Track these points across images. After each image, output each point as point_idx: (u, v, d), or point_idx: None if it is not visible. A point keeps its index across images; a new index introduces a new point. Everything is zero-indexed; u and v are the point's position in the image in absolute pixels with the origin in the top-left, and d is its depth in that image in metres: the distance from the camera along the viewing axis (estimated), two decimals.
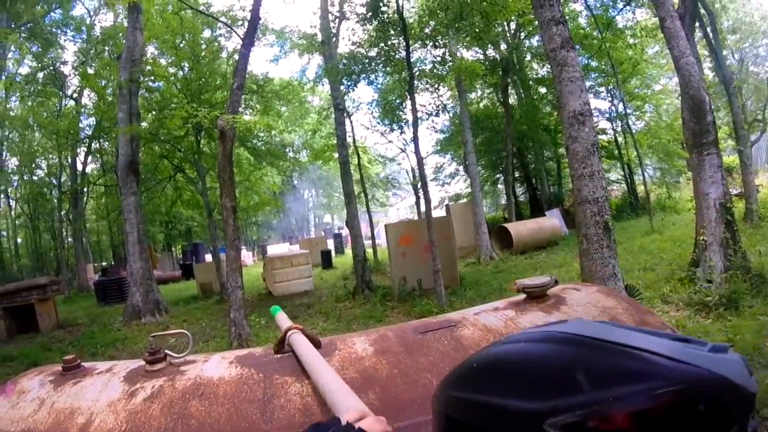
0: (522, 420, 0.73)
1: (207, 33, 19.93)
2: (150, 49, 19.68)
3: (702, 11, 15.30)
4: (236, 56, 14.18)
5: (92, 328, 13.86)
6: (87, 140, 27.30)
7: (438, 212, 25.16)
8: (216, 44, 20.01)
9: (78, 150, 28.06)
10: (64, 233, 31.20)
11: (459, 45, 19.08)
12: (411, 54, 12.61)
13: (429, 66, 15.02)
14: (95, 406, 1.36)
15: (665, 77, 27.86)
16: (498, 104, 27.38)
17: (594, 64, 23.05)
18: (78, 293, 25.95)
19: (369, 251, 19.79)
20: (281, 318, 1.83)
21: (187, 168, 20.61)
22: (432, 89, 15.20)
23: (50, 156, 29.26)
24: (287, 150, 32.56)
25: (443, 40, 14.03)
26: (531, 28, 21.41)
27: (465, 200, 27.41)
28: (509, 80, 24.72)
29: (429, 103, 15.29)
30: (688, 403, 0.67)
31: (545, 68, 25.13)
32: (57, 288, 15.17)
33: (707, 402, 0.67)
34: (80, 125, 26.90)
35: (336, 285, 17.37)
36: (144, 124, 17.95)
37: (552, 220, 20.82)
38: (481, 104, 30.66)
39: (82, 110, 26.84)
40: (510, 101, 25.69)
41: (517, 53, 24.62)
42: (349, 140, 18.53)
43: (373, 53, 13.11)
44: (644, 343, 0.73)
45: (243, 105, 18.70)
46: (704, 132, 8.20)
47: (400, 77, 13.84)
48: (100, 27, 25.45)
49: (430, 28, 13.50)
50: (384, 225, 17.51)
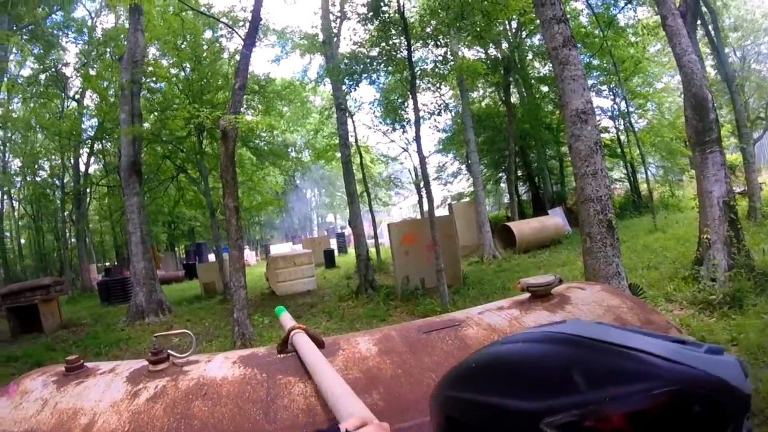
0: (519, 419, 0.73)
1: (208, 34, 19.93)
2: (151, 50, 19.71)
3: (703, 9, 15.27)
4: (238, 57, 14.18)
5: (96, 328, 13.89)
6: (89, 141, 27.38)
7: (441, 211, 25.17)
8: (217, 45, 20.02)
9: (80, 151, 28.20)
10: (68, 234, 31.28)
11: (460, 44, 19.05)
12: (412, 53, 12.59)
13: (430, 65, 15.01)
14: (98, 407, 1.35)
15: (667, 75, 27.85)
16: (500, 103, 27.34)
17: (596, 63, 23.01)
18: (81, 293, 26.05)
19: (372, 250, 19.79)
20: (285, 318, 1.82)
21: (190, 168, 20.62)
22: (434, 88, 15.20)
23: (53, 157, 29.31)
24: (290, 150, 32.61)
25: (444, 40, 14.01)
26: (532, 27, 21.39)
27: (468, 199, 27.38)
28: (511, 79, 24.67)
29: (431, 103, 15.30)
30: (684, 404, 0.67)
31: (547, 67, 25.12)
32: (60, 288, 15.20)
33: (703, 403, 0.67)
34: (82, 126, 26.99)
35: (339, 284, 17.37)
36: (146, 125, 17.94)
37: (555, 219, 20.79)
38: (483, 103, 30.62)
39: (85, 111, 26.91)
40: (512, 100, 25.65)
41: (519, 52, 24.59)
42: (352, 140, 18.52)
43: (375, 53, 13.09)
44: (641, 344, 0.73)
45: (245, 105, 18.71)
46: (707, 130, 8.18)
47: (402, 77, 13.84)
48: (102, 29, 25.56)
49: (432, 28, 13.48)
50: (387, 224, 17.51)
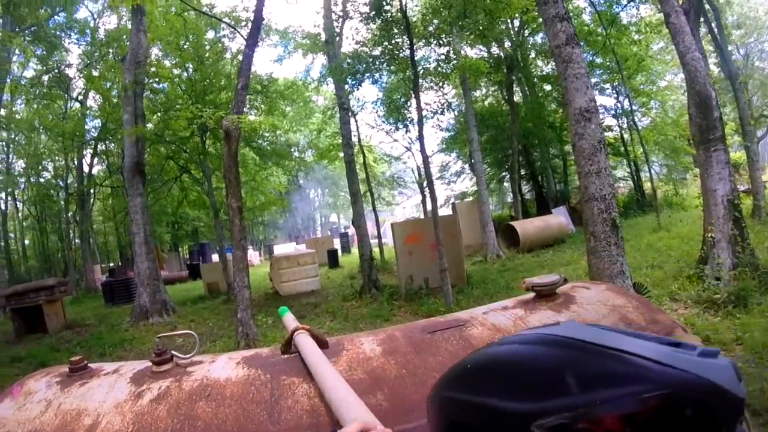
0: (512, 421, 0.73)
1: (211, 34, 19.94)
2: (154, 51, 19.73)
3: (706, 6, 15.22)
4: (240, 57, 14.19)
5: (100, 329, 13.92)
6: (93, 142, 27.44)
7: (444, 211, 25.11)
8: (220, 45, 20.03)
9: (84, 152, 28.25)
10: (72, 234, 31.36)
11: (463, 43, 19.03)
12: (415, 52, 12.59)
13: (433, 64, 15.00)
14: (102, 408, 1.35)
15: (670, 73, 27.81)
16: (503, 102, 27.28)
17: (599, 61, 22.98)
18: (86, 294, 26.11)
19: (375, 250, 19.79)
20: (288, 319, 1.82)
21: (193, 168, 20.64)
22: (436, 87, 15.22)
23: (56, 158, 29.38)
24: (292, 150, 32.57)
25: (447, 38, 14.00)
26: (535, 25, 21.38)
27: (471, 198, 27.36)
28: (514, 78, 24.62)
29: (434, 102, 15.31)
30: (676, 408, 0.66)
31: (550, 65, 25.10)
32: (65, 289, 15.24)
33: (694, 406, 0.66)
34: (86, 127, 27.04)
35: (343, 284, 17.38)
36: (149, 126, 18.00)
37: (558, 218, 20.75)
38: (486, 102, 30.59)
39: (88, 112, 26.99)
40: (515, 99, 25.60)
41: (522, 50, 24.55)
42: (355, 139, 18.51)
43: (377, 52, 13.10)
44: (633, 347, 0.73)
45: (248, 105, 18.74)
46: (711, 128, 8.15)
47: (405, 76, 13.84)
48: (104, 29, 25.57)
49: (434, 27, 13.48)
50: (390, 224, 17.52)
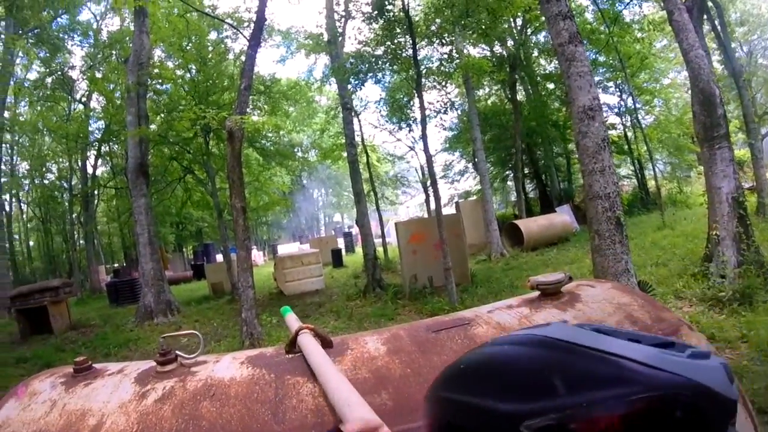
0: (501, 421, 0.73)
1: (213, 35, 19.99)
2: (157, 52, 19.78)
3: (709, 3, 15.17)
4: (243, 57, 14.21)
5: (105, 329, 13.96)
6: (96, 143, 27.52)
7: (448, 210, 25.14)
8: (222, 46, 20.07)
9: (88, 153, 28.35)
10: (76, 236, 31.46)
11: (465, 42, 19.02)
12: (418, 52, 12.58)
13: (436, 64, 15.00)
14: (106, 408, 1.35)
15: (674, 71, 27.72)
16: (506, 101, 27.27)
17: (602, 59, 22.92)
18: (90, 295, 26.21)
19: (379, 250, 19.80)
20: (290, 319, 1.81)
21: (197, 169, 20.69)
22: (439, 87, 15.20)
23: (60, 160, 29.52)
24: (296, 150, 32.63)
25: (450, 38, 13.99)
26: (538, 24, 21.35)
27: (475, 197, 27.38)
28: (517, 76, 24.60)
29: (437, 101, 15.26)
30: (664, 410, 0.66)
31: (553, 64, 25.06)
32: (69, 290, 15.28)
33: (683, 409, 0.66)
34: (89, 129, 27.17)
35: (347, 284, 17.40)
36: (153, 127, 18.02)
37: (562, 217, 20.73)
38: (489, 101, 30.59)
39: (91, 114, 27.11)
40: (518, 97, 25.60)
41: (524, 49, 24.51)
42: (358, 139, 18.54)
43: (380, 52, 13.11)
44: (621, 350, 0.72)
45: (251, 106, 18.78)
46: (715, 125, 8.12)
47: (408, 75, 13.83)
48: (107, 31, 25.73)
49: (437, 26, 13.48)
50: (394, 223, 17.51)
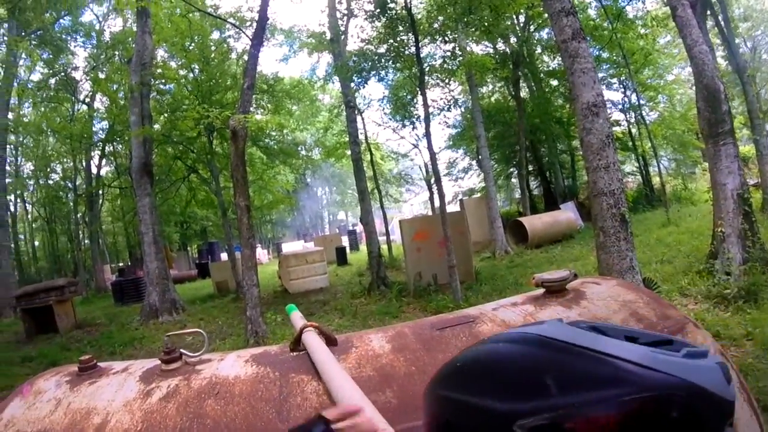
0: (495, 420, 0.72)
1: (216, 35, 20.01)
2: (160, 52, 19.82)
3: None
4: (246, 57, 14.22)
5: (110, 328, 14.01)
6: (100, 143, 27.61)
7: (452, 207, 25.09)
8: (225, 45, 20.09)
9: (92, 153, 28.46)
10: (81, 235, 31.59)
11: (468, 39, 18.99)
12: (421, 49, 12.57)
13: (439, 61, 14.97)
14: (111, 406, 1.35)
15: (678, 67, 27.63)
16: (510, 98, 27.22)
17: (605, 56, 22.85)
18: (95, 294, 26.29)
19: (384, 247, 19.81)
20: (295, 316, 1.82)
21: (201, 168, 20.72)
22: (443, 84, 15.17)
23: (65, 160, 29.59)
24: (299, 148, 32.68)
25: (452, 35, 13.96)
26: (540, 21, 21.26)
27: (479, 195, 27.36)
28: (520, 73, 24.56)
29: (440, 98, 15.30)
30: (658, 411, 0.65)
31: (556, 60, 25.01)
32: (75, 289, 15.33)
33: (677, 410, 0.65)
34: (93, 129, 27.21)
35: (351, 281, 17.40)
36: (156, 126, 18.05)
37: (567, 214, 20.68)
38: (493, 98, 30.53)
39: (95, 114, 27.17)
40: (522, 94, 25.55)
41: (528, 46, 24.46)
42: (361, 137, 18.53)
43: (383, 50, 13.10)
44: (615, 349, 0.71)
45: (254, 105, 18.76)
46: (720, 121, 8.08)
47: (411, 73, 13.82)
48: (110, 32, 25.72)
49: (439, 23, 13.45)
50: (398, 221, 17.53)
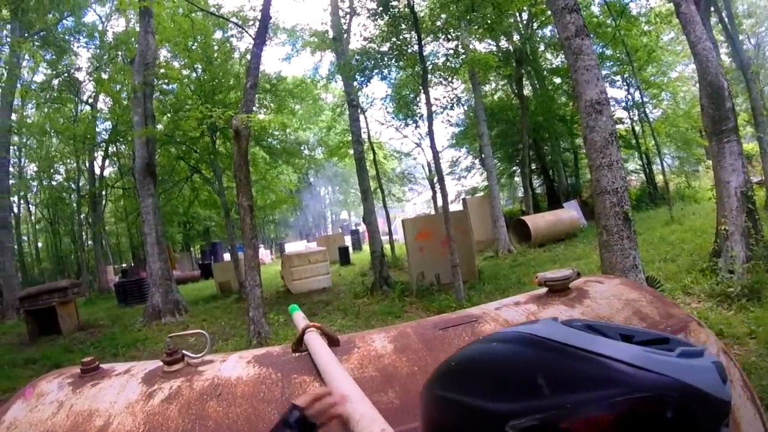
0: (487, 420, 0.72)
1: (218, 34, 20.04)
2: (162, 53, 19.84)
3: None
4: (248, 56, 14.22)
5: (113, 329, 14.03)
6: (104, 144, 27.63)
7: (455, 206, 25.06)
8: (228, 45, 20.13)
9: (95, 154, 28.46)
10: (84, 236, 31.60)
11: (471, 37, 18.95)
12: (423, 48, 12.56)
13: (442, 59, 14.95)
14: (113, 408, 1.35)
15: (681, 64, 27.55)
16: (513, 96, 27.18)
17: (609, 53, 22.77)
18: (99, 295, 26.34)
19: (386, 247, 19.80)
20: (298, 317, 1.82)
21: (204, 168, 20.75)
22: (446, 82, 15.15)
23: (68, 161, 29.63)
24: (302, 148, 32.65)
25: (455, 33, 13.95)
26: (543, 18, 21.22)
27: (482, 194, 27.30)
28: (523, 71, 24.52)
29: (443, 97, 15.28)
30: (650, 412, 0.64)
31: (559, 58, 24.95)
32: (78, 290, 15.35)
33: (670, 411, 0.64)
34: (96, 130, 27.24)
35: (354, 281, 17.40)
36: (159, 127, 18.10)
37: (570, 212, 20.65)
38: (496, 96, 30.48)
39: (98, 115, 27.19)
40: (525, 92, 25.51)
41: (531, 44, 24.42)
42: (364, 136, 18.51)
43: (386, 48, 13.08)
44: (607, 349, 0.70)
45: (257, 104, 18.79)
46: (723, 119, 8.05)
47: (414, 71, 13.80)
48: (113, 32, 25.76)
49: (442, 21, 13.44)
50: (401, 220, 17.51)
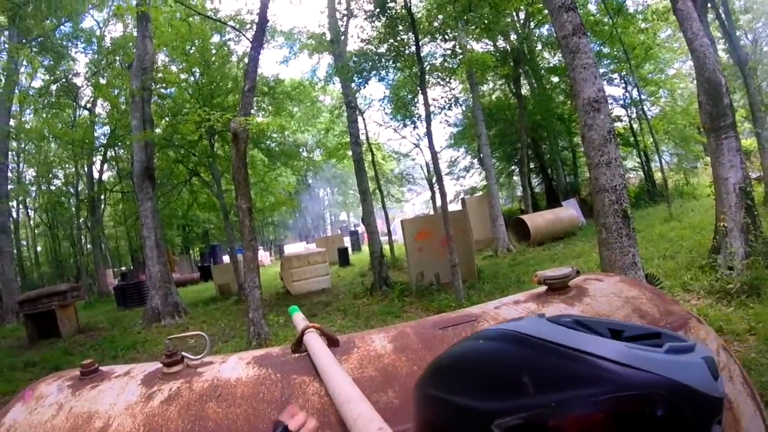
0: (474, 419, 0.71)
1: (216, 38, 20.04)
2: (160, 57, 19.86)
3: None
4: (246, 59, 14.23)
5: (113, 332, 14.03)
6: (102, 149, 27.68)
7: (454, 206, 25.08)
8: (225, 48, 20.15)
9: (94, 158, 28.50)
10: (83, 240, 31.64)
11: (468, 37, 18.98)
12: (421, 48, 12.57)
13: (439, 60, 14.98)
14: (113, 410, 1.35)
15: (679, 61, 27.59)
16: (510, 95, 27.23)
17: (606, 51, 22.79)
18: (98, 298, 26.39)
19: (386, 247, 19.81)
20: (297, 318, 1.82)
21: (202, 171, 20.77)
22: (443, 83, 15.17)
23: (67, 165, 29.64)
24: (301, 150, 32.72)
25: (452, 33, 13.97)
26: (541, 17, 21.25)
27: (480, 193, 27.34)
28: (521, 71, 24.56)
29: (441, 97, 15.27)
30: (637, 411, 0.63)
31: (557, 57, 24.98)
32: (77, 294, 15.35)
33: (659, 409, 0.62)
34: (95, 134, 27.32)
35: (353, 282, 17.41)
36: (158, 131, 18.09)
37: (569, 211, 20.67)
38: (494, 96, 30.53)
39: (96, 120, 27.26)
40: (523, 92, 25.54)
41: (528, 43, 24.43)
42: (363, 137, 18.52)
43: (383, 49, 13.09)
44: (593, 347, 0.69)
45: (255, 107, 18.82)
46: (721, 115, 8.05)
47: (411, 72, 13.81)
48: (110, 38, 25.72)
49: (439, 22, 13.46)
50: (400, 221, 17.53)
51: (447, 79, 15.04)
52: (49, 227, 33.57)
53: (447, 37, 13.80)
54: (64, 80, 25.57)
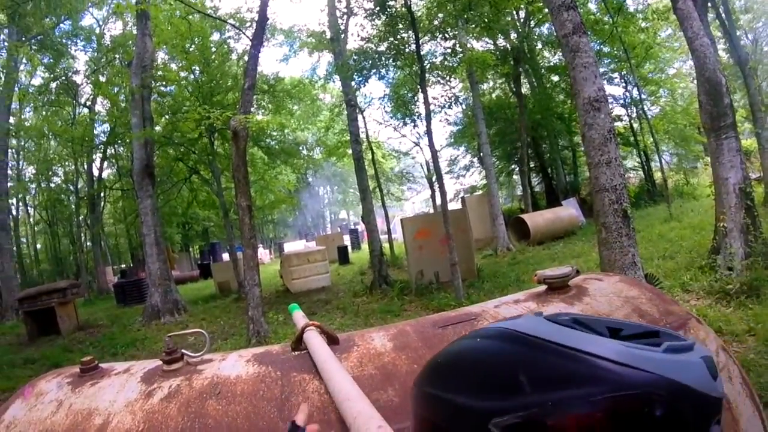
0: (472, 418, 0.71)
1: (216, 36, 20.02)
2: (160, 55, 19.83)
3: None
4: (246, 57, 14.22)
5: (112, 329, 14.05)
6: (102, 146, 27.66)
7: (453, 205, 25.06)
8: (225, 47, 20.12)
9: (94, 156, 28.47)
10: (83, 237, 31.63)
11: (469, 36, 18.96)
12: (421, 47, 12.56)
13: (440, 58, 14.96)
14: (112, 407, 1.35)
15: (679, 60, 27.56)
16: (511, 94, 27.22)
17: (606, 50, 22.77)
18: (98, 295, 26.38)
19: (385, 246, 19.81)
20: (297, 316, 1.82)
21: (202, 169, 20.76)
22: (443, 81, 15.17)
23: (66, 163, 29.61)
24: (301, 148, 32.70)
25: (453, 32, 13.95)
26: (541, 16, 21.25)
27: (480, 192, 27.30)
28: (521, 69, 24.54)
29: (441, 96, 15.26)
30: (635, 410, 0.62)
31: (557, 56, 24.97)
32: (77, 291, 15.35)
33: (657, 408, 0.62)
34: (95, 132, 27.27)
35: (353, 280, 17.41)
36: (157, 128, 18.08)
37: (569, 210, 20.67)
38: (494, 95, 30.51)
39: (96, 117, 27.23)
40: (523, 91, 25.53)
41: (528, 42, 24.41)
42: (362, 136, 18.51)
43: (383, 48, 13.09)
44: (590, 346, 0.69)
45: (255, 105, 18.79)
46: (722, 115, 8.04)
47: (411, 71, 13.81)
48: (110, 35, 25.69)
49: (439, 20, 13.44)
50: (400, 219, 17.53)
51: (447, 78, 15.05)
52: (49, 224, 33.58)
53: (447, 36, 13.80)
54: (64, 78, 25.58)
